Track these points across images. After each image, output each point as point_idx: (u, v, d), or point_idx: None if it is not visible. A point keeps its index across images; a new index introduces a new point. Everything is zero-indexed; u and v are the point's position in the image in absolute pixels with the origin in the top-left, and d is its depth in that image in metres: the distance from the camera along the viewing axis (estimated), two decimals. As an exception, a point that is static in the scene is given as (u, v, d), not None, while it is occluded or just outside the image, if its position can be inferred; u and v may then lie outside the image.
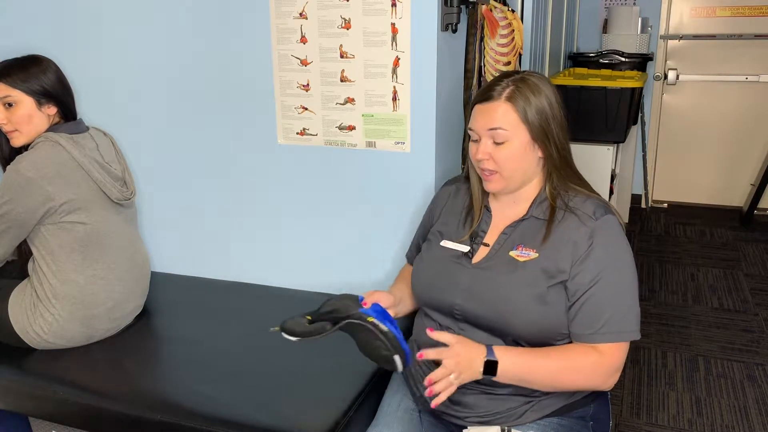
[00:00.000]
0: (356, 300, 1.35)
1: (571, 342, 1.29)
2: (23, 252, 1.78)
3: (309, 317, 1.35)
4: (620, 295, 1.25)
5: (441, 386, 1.21)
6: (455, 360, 1.21)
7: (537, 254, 1.28)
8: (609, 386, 1.27)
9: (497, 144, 1.30)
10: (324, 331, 1.33)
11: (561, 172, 1.33)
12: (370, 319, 1.27)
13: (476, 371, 1.22)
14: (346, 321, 1.30)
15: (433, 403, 1.23)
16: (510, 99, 1.29)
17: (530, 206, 1.34)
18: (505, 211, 1.38)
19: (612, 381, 1.27)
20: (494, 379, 1.23)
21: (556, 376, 1.25)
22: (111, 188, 1.77)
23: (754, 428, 2.21)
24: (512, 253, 1.31)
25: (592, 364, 1.25)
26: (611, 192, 3.69)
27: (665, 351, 2.71)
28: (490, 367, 1.22)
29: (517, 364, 1.23)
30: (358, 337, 1.29)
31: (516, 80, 1.31)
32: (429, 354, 1.23)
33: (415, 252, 1.60)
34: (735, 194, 4.56)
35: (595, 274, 1.24)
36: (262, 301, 1.96)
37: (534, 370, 1.24)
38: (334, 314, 1.33)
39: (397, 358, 1.25)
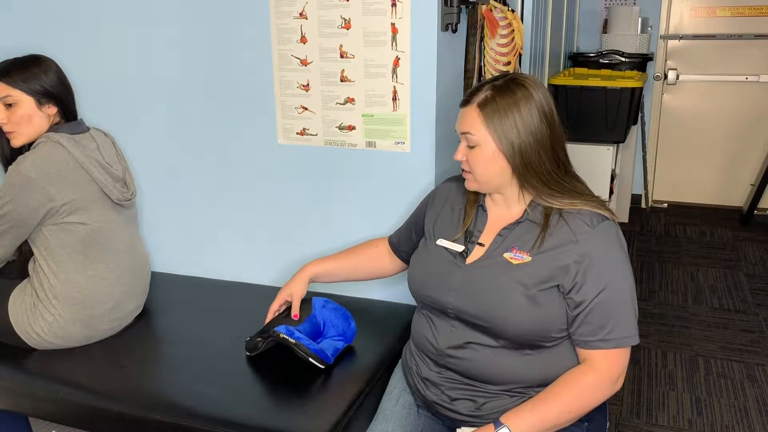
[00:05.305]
0: (308, 302, 1.66)
1: (561, 344, 1.30)
2: (24, 252, 1.78)
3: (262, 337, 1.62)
4: (623, 303, 1.26)
5: None
6: None
7: (530, 258, 1.28)
8: (616, 390, 1.29)
9: (470, 147, 1.32)
10: (257, 348, 1.60)
11: (540, 185, 1.30)
12: (282, 335, 1.52)
13: None
14: (270, 339, 1.56)
15: None
16: (481, 106, 1.29)
17: (526, 209, 1.34)
18: (501, 212, 1.38)
19: (618, 385, 1.28)
20: None
21: (569, 410, 1.26)
22: (112, 189, 1.77)
23: (754, 428, 2.21)
24: (506, 255, 1.31)
25: (594, 381, 1.26)
26: (611, 192, 3.70)
27: (665, 351, 2.71)
28: None
29: (529, 421, 1.25)
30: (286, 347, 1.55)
31: (497, 87, 1.30)
32: None
33: (400, 238, 1.66)
34: (735, 194, 4.56)
35: (600, 284, 1.24)
36: (262, 301, 1.95)
37: (546, 417, 1.25)
38: (264, 332, 1.61)
39: (312, 360, 1.52)
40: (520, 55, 2.29)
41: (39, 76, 1.72)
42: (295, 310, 1.62)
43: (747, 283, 3.37)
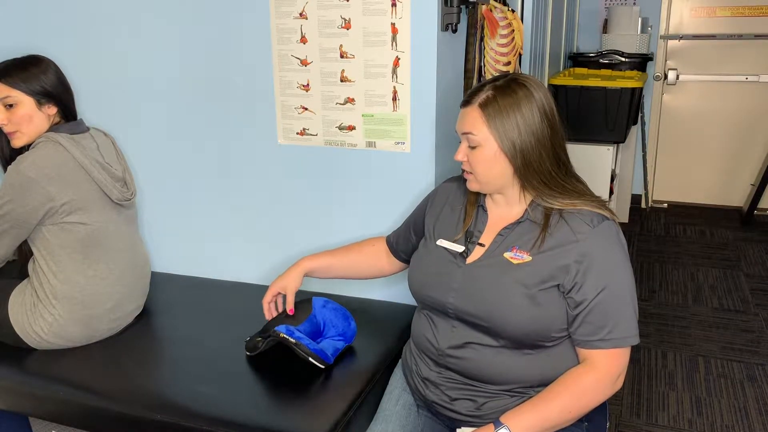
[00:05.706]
0: (308, 301, 1.67)
1: (561, 344, 1.30)
2: (24, 252, 1.78)
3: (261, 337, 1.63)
4: (623, 302, 1.26)
5: None
6: None
7: (530, 258, 1.28)
8: (616, 390, 1.29)
9: (471, 148, 1.32)
10: (257, 348, 1.60)
11: (540, 186, 1.30)
12: (282, 335, 1.53)
13: None
14: (270, 339, 1.57)
15: None
16: (482, 106, 1.29)
17: (526, 209, 1.34)
18: (501, 212, 1.38)
19: (618, 385, 1.28)
20: None
21: (570, 410, 1.26)
22: (111, 189, 1.77)
23: (754, 428, 2.21)
24: (506, 255, 1.31)
25: (594, 381, 1.26)
26: (611, 192, 3.70)
27: (665, 351, 2.71)
28: None
29: (529, 421, 1.25)
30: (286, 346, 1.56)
31: (498, 87, 1.30)
32: None
33: (398, 238, 1.65)
34: (735, 194, 4.57)
35: (600, 284, 1.24)
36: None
37: (546, 417, 1.25)
38: (264, 332, 1.62)
39: (312, 360, 1.53)
40: (520, 55, 2.29)
41: (38, 76, 1.73)
42: (290, 305, 1.62)
43: (747, 283, 3.38)
